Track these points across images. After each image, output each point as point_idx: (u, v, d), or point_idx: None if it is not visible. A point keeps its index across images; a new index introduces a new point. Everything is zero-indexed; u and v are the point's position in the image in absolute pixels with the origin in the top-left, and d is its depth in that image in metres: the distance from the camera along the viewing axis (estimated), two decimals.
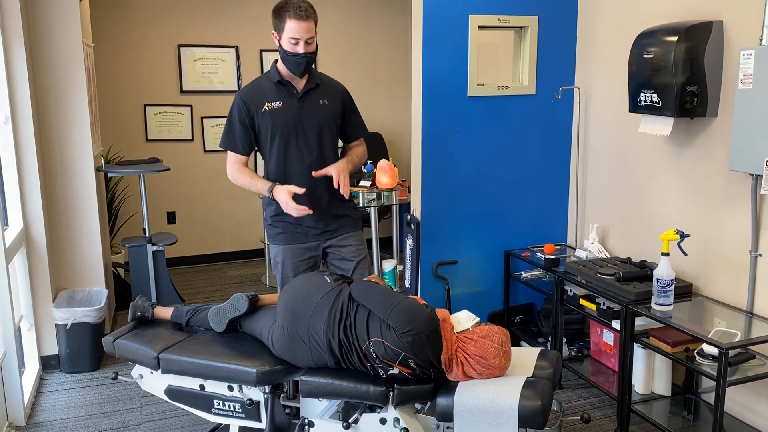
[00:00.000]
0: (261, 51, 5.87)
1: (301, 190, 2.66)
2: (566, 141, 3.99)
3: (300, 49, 2.65)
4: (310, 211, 2.65)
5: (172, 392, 2.56)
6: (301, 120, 2.77)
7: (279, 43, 2.70)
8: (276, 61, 2.81)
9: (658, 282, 2.86)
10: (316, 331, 2.30)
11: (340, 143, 2.99)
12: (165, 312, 2.79)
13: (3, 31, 3.42)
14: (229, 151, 2.85)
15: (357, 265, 2.89)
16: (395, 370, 2.23)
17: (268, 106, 2.76)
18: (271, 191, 2.71)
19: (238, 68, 5.82)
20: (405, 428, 2.26)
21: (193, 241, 5.95)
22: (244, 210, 6.05)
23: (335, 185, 2.73)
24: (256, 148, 2.88)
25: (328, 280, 2.45)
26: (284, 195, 2.65)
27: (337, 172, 2.73)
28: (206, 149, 5.85)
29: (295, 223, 2.84)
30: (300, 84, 2.80)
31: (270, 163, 2.83)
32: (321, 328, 2.30)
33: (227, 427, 2.66)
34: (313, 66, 2.84)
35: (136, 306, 2.75)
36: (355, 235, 2.95)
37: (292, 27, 2.62)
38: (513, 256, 3.88)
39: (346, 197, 2.82)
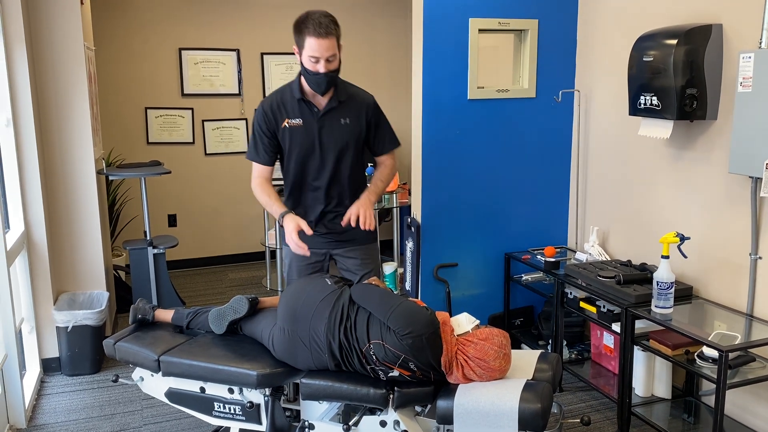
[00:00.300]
0: (262, 54, 5.88)
1: (308, 231, 2.57)
2: (566, 144, 4.00)
3: (320, 68, 2.56)
4: (308, 253, 2.59)
5: (173, 395, 2.56)
6: (320, 140, 2.71)
7: (300, 59, 2.62)
8: (300, 73, 2.72)
9: (658, 285, 2.86)
10: (316, 333, 2.31)
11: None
12: (166, 315, 2.79)
13: (5, 34, 3.44)
14: (253, 163, 2.80)
15: (360, 279, 2.86)
16: (395, 373, 2.23)
17: (287, 123, 2.70)
18: (282, 217, 2.65)
19: (239, 71, 5.83)
20: (405, 431, 2.26)
21: (194, 243, 5.96)
22: (245, 213, 6.05)
23: (354, 224, 2.66)
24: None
25: (329, 283, 2.46)
26: (291, 227, 2.59)
27: (356, 211, 2.64)
28: (207, 152, 5.86)
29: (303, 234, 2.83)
30: (321, 102, 2.72)
31: (287, 177, 2.81)
32: (321, 330, 2.30)
33: (227, 429, 2.66)
34: (338, 80, 2.74)
35: (137, 309, 2.76)
36: (363, 248, 2.88)
37: (312, 45, 2.53)
38: (513, 258, 3.88)
39: (371, 229, 2.70)
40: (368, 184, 2.86)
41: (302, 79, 2.70)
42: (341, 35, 2.63)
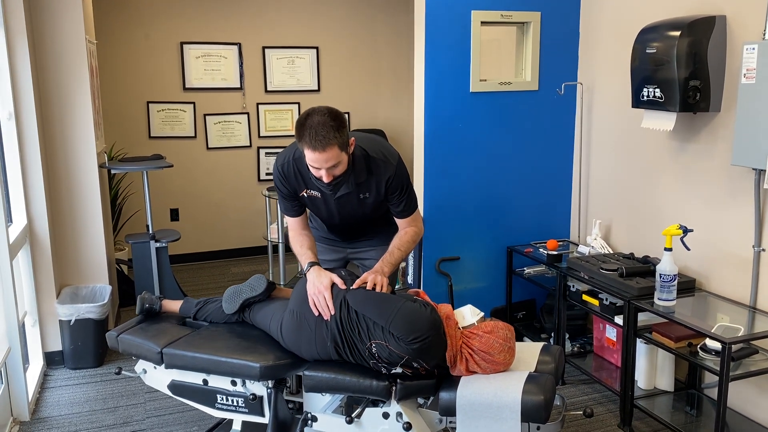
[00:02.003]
0: (263, 48, 5.87)
1: (341, 284, 2.39)
2: (569, 137, 3.99)
3: (323, 176, 2.35)
4: (327, 317, 2.34)
5: (176, 387, 2.56)
6: (339, 211, 2.60)
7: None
8: None
9: (661, 277, 2.86)
10: (323, 317, 2.31)
11: None
12: (173, 305, 2.80)
13: (6, 27, 3.43)
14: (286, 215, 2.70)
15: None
16: (398, 370, 2.23)
17: (306, 193, 2.57)
18: (307, 269, 2.49)
19: (241, 65, 5.82)
20: (408, 423, 2.26)
21: (197, 237, 5.96)
22: (247, 207, 6.05)
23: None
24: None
25: (343, 273, 2.46)
26: (313, 289, 2.39)
27: (366, 276, 2.44)
28: (209, 146, 5.85)
29: (320, 229, 2.83)
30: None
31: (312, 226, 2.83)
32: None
33: (230, 422, 2.66)
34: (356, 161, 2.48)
35: (144, 299, 2.75)
36: (381, 248, 2.71)
37: (309, 156, 2.31)
38: (516, 252, 3.88)
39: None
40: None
41: None
42: (347, 141, 2.34)
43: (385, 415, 2.31)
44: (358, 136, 2.54)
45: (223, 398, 2.50)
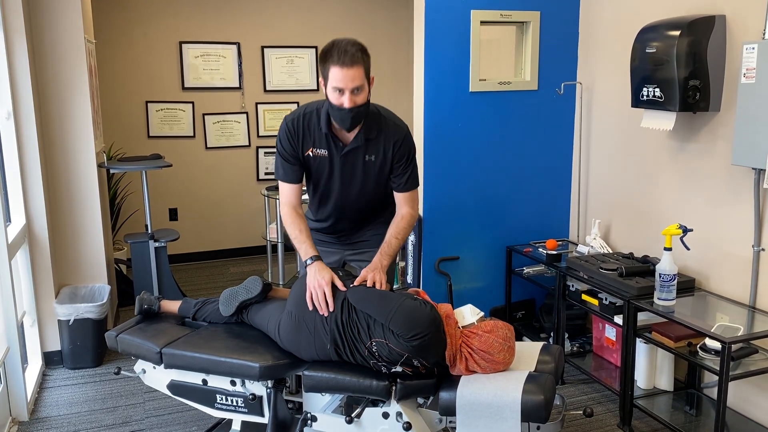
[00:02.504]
0: (262, 47, 5.86)
1: (341, 286, 2.38)
2: (568, 136, 3.99)
3: (345, 101, 2.33)
4: (326, 313, 2.33)
5: (175, 387, 2.56)
6: (342, 174, 2.58)
7: (325, 91, 2.42)
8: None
9: (660, 277, 2.86)
10: (321, 319, 2.31)
11: None
12: (172, 305, 2.79)
13: (5, 26, 3.42)
14: (280, 183, 2.63)
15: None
16: (398, 368, 2.22)
17: (312, 151, 2.54)
18: (307, 264, 2.46)
19: (240, 65, 5.82)
20: (407, 422, 2.26)
21: (195, 237, 5.96)
22: (246, 206, 6.05)
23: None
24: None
25: (340, 274, 2.46)
26: (315, 283, 2.37)
27: (365, 273, 2.44)
28: (208, 146, 5.85)
29: (319, 230, 2.79)
30: (348, 138, 2.53)
31: (311, 196, 2.72)
32: (326, 318, 2.30)
33: (230, 422, 2.66)
34: (370, 112, 2.51)
35: (143, 299, 2.75)
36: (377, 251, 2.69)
37: (336, 74, 2.30)
38: (515, 251, 3.87)
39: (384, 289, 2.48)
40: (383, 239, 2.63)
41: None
42: (369, 70, 2.38)
43: (385, 415, 2.31)
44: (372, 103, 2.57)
45: (222, 398, 2.50)
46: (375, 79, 2.51)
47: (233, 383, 2.47)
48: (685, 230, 2.88)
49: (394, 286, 3.02)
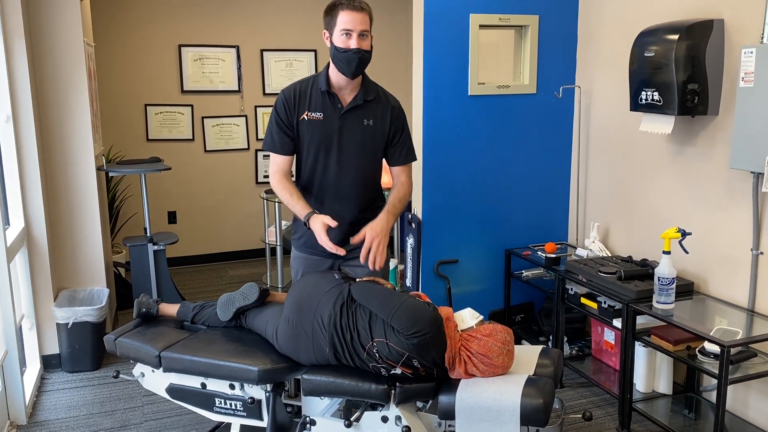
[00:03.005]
0: (262, 51, 5.87)
1: (334, 223, 2.42)
2: (567, 140, 3.99)
3: (353, 43, 2.43)
4: (343, 251, 2.43)
5: (174, 391, 2.56)
6: (339, 138, 2.58)
7: (331, 41, 2.50)
8: (328, 65, 2.58)
9: (659, 280, 2.86)
10: (320, 323, 2.30)
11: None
12: (170, 309, 2.79)
13: (4, 29, 3.43)
14: (271, 154, 2.64)
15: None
16: (398, 370, 2.22)
17: (307, 115, 2.57)
18: (308, 220, 2.50)
19: (239, 68, 5.82)
20: (407, 426, 2.26)
21: (194, 240, 5.95)
22: (245, 209, 6.05)
23: (363, 258, 2.46)
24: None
25: (336, 276, 2.46)
26: (319, 227, 2.44)
27: (371, 238, 2.45)
28: (207, 149, 5.85)
29: (314, 237, 2.72)
30: (347, 97, 2.58)
31: (303, 172, 2.67)
32: (324, 322, 2.30)
33: (229, 425, 2.65)
34: (366, 77, 2.62)
35: (141, 303, 2.74)
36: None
37: (345, 18, 2.43)
38: (514, 254, 3.88)
39: (377, 268, 2.49)
40: (386, 202, 2.68)
41: (330, 70, 2.57)
42: (371, 24, 2.53)
43: (384, 419, 2.31)
44: None
45: (221, 402, 2.49)
46: (374, 80, 2.51)
47: (232, 387, 2.47)
48: (684, 234, 2.89)
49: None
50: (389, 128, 2.63)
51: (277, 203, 4.90)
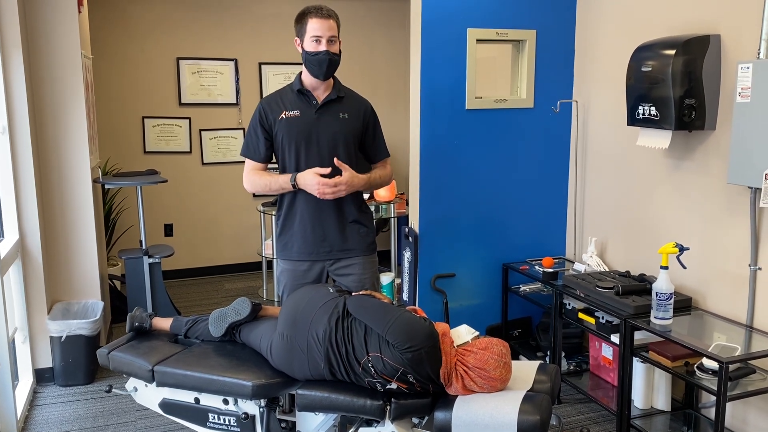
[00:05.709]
0: (260, 64, 5.88)
1: (325, 170, 2.62)
2: (564, 154, 3.99)
3: (322, 46, 2.64)
4: (343, 188, 2.63)
5: (167, 405, 2.53)
6: (317, 131, 2.73)
7: (302, 47, 2.70)
8: (301, 72, 2.78)
9: (657, 296, 2.84)
10: (314, 339, 2.29)
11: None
12: (163, 323, 2.77)
13: (1, 41, 3.43)
14: (246, 160, 2.83)
15: None
16: (393, 386, 2.20)
17: (285, 114, 2.74)
18: (295, 180, 2.67)
19: (237, 81, 5.83)
20: None
21: (190, 253, 5.93)
22: (242, 222, 6.03)
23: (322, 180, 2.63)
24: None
25: (331, 290, 2.44)
26: (311, 177, 2.62)
27: (345, 178, 2.64)
28: (204, 162, 5.84)
29: (301, 238, 2.78)
30: (321, 95, 2.77)
31: (288, 170, 2.78)
32: (319, 336, 2.28)
33: None
34: (338, 79, 2.83)
35: (134, 317, 2.73)
36: (361, 262, 2.81)
37: (314, 25, 2.64)
38: (511, 269, 3.86)
39: (324, 197, 2.65)
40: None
41: (303, 75, 2.76)
42: (340, 26, 2.73)
43: None
44: None
45: (214, 417, 2.47)
46: (371, 95, 2.58)
47: (226, 402, 2.44)
48: (682, 249, 2.87)
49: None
50: (363, 123, 2.82)
51: (272, 215, 4.88)
